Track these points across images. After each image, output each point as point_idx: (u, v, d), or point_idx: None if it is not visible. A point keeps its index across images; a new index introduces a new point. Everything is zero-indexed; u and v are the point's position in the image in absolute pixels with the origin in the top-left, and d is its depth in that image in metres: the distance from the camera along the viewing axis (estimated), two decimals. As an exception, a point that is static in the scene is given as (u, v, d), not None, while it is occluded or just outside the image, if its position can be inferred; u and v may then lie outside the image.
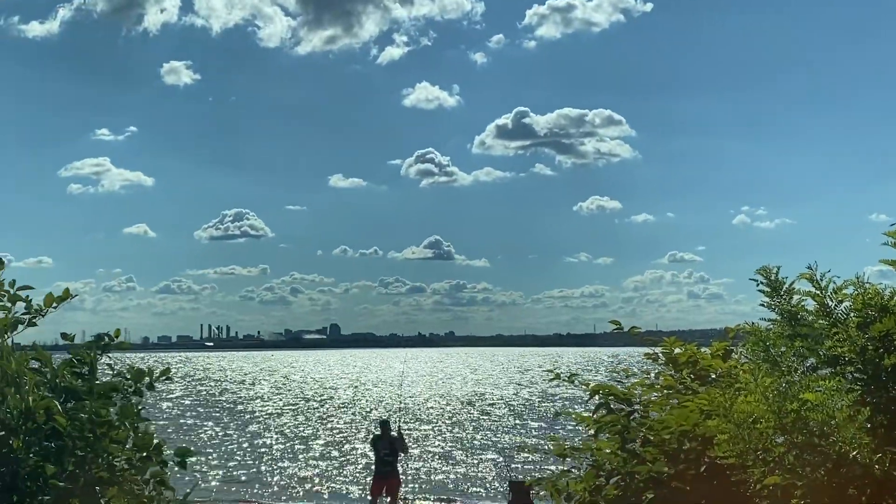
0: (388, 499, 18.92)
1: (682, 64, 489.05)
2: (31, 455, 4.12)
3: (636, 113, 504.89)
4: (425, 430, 42.06)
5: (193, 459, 4.89)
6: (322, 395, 71.38)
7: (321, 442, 37.58)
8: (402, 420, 24.99)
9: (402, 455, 19.33)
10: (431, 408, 55.89)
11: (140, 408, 4.66)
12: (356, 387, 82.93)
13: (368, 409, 54.36)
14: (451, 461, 31.60)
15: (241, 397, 69.10)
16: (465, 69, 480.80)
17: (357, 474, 28.09)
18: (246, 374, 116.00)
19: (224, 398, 68.00)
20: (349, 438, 38.20)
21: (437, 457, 32.72)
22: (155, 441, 4.62)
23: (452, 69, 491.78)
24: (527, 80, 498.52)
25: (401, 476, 19.54)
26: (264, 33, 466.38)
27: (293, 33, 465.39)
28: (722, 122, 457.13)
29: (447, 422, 46.23)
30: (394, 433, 19.17)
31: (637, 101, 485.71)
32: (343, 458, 32.02)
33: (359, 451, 33.26)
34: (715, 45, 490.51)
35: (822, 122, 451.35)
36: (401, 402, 32.48)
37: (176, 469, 4.67)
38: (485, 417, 48.61)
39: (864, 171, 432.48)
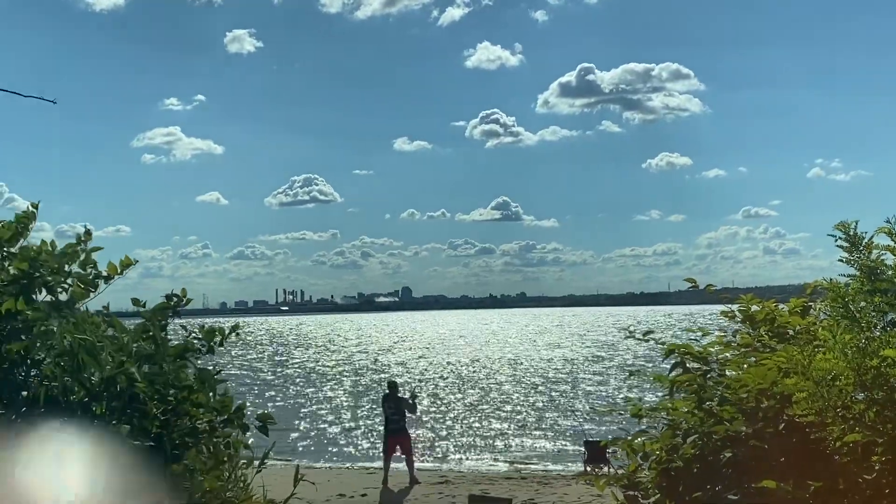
0: (403, 456, 19.34)
1: (751, 13, 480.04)
2: (113, 420, 4.23)
3: (705, 66, 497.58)
4: (497, 390, 42.23)
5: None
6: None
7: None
8: (418, 388, 25.66)
9: (411, 415, 19.64)
10: (503, 369, 56.03)
11: (219, 371, 4.75)
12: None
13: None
14: (525, 421, 31.68)
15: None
16: (527, 27, 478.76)
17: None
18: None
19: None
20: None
21: (510, 417, 32.83)
22: (236, 404, 4.70)
23: (514, 28, 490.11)
24: (590, 35, 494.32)
25: (410, 433, 19.92)
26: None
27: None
28: (793, 72, 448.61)
29: (520, 382, 46.33)
30: (404, 395, 19.88)
31: (705, 54, 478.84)
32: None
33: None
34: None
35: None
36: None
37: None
38: (558, 378, 48.60)
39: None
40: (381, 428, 20.74)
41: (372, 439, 27.92)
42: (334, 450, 26.74)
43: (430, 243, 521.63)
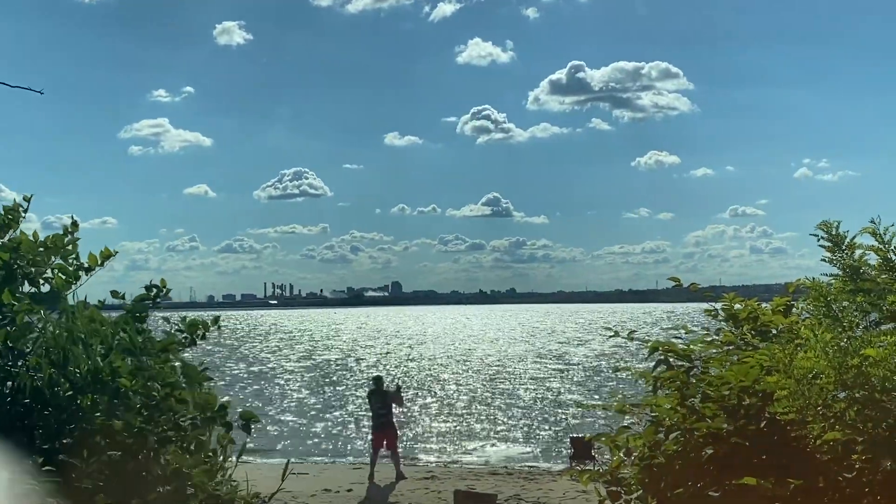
0: (389, 452, 19.48)
1: (740, 13, 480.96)
2: (98, 413, 4.23)
3: (694, 65, 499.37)
4: (482, 387, 42.23)
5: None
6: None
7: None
8: (400, 380, 25.83)
9: (398, 408, 19.73)
10: (488, 365, 56.04)
11: (204, 367, 4.74)
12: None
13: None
14: (510, 418, 31.69)
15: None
16: (518, 24, 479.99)
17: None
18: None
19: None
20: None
21: (495, 413, 32.84)
22: (220, 402, 4.70)
23: (505, 25, 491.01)
24: (580, 33, 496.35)
25: (397, 427, 20.06)
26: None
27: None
28: (782, 72, 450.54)
29: (505, 379, 46.33)
30: (389, 388, 19.73)
31: (695, 53, 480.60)
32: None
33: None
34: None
35: (885, 70, 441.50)
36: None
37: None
38: (543, 374, 48.63)
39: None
40: (367, 423, 20.75)
41: (357, 435, 27.93)
42: (318, 445, 26.67)
43: (420, 238, 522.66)
